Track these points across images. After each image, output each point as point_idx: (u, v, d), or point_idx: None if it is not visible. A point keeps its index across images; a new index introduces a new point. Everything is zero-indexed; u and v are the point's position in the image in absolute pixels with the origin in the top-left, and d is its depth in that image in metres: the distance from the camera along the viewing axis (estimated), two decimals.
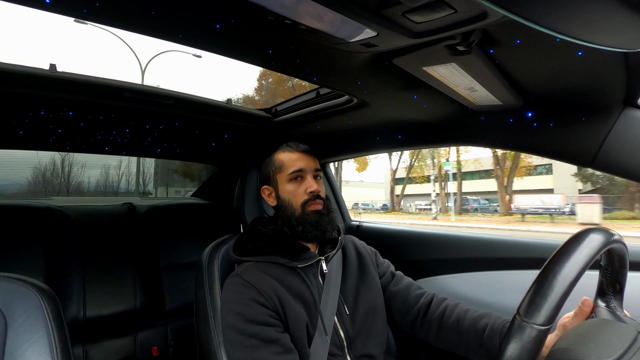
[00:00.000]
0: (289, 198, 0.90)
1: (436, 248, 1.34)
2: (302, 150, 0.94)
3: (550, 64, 0.65)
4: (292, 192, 0.89)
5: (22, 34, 36.04)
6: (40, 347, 0.57)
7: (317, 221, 0.87)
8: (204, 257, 0.98)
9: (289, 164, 0.91)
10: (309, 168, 0.91)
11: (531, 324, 0.37)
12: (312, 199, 0.88)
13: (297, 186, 0.90)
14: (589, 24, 0.43)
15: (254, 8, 0.53)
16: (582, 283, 0.43)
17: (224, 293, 0.84)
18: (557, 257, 0.41)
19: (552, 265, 0.40)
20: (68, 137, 1.38)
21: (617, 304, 0.55)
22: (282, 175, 0.92)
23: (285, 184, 0.91)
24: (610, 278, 0.55)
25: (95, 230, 1.63)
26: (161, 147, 1.65)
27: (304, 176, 0.91)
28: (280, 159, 0.93)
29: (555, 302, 0.37)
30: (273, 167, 0.94)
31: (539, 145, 0.90)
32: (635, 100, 0.73)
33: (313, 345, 0.78)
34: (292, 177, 0.90)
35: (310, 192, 0.89)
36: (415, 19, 0.52)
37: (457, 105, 0.94)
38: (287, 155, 0.93)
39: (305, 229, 0.86)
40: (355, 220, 1.79)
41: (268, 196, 0.96)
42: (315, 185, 0.90)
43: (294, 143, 0.96)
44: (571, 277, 0.39)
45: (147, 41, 13.01)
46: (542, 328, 0.36)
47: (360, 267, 0.96)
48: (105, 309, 1.52)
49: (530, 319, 0.37)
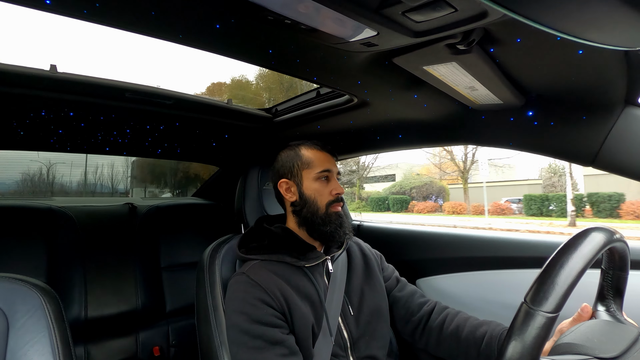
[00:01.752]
0: (314, 196, 0.89)
1: (436, 247, 1.34)
2: (329, 151, 0.95)
3: (550, 62, 0.65)
4: (319, 190, 0.89)
5: (23, 35, 36.16)
6: (42, 348, 0.57)
7: (342, 222, 0.89)
8: (205, 257, 0.98)
9: (318, 163, 0.91)
10: (334, 170, 0.93)
11: (539, 311, 0.36)
12: (336, 200, 0.90)
13: (324, 186, 0.90)
14: (589, 23, 0.43)
15: (254, 8, 0.53)
16: (583, 282, 0.43)
17: (229, 292, 0.83)
18: (563, 250, 0.42)
19: (558, 257, 0.41)
20: (69, 137, 1.39)
21: (617, 307, 0.55)
22: (310, 172, 0.91)
23: (312, 181, 0.90)
24: (610, 282, 0.55)
25: (97, 230, 1.63)
26: (162, 147, 1.65)
27: (330, 177, 0.92)
28: (309, 156, 0.92)
29: (563, 290, 0.37)
30: (299, 161, 0.92)
31: (540, 144, 0.90)
32: (636, 98, 0.73)
33: (317, 345, 0.78)
34: (321, 176, 0.90)
35: (336, 193, 0.90)
36: (416, 18, 0.52)
37: (457, 105, 0.93)
38: (316, 153, 0.93)
39: (332, 229, 0.87)
40: (355, 220, 1.79)
41: (286, 190, 0.93)
42: (340, 188, 0.92)
43: (320, 142, 0.97)
44: (578, 268, 0.39)
45: (147, 41, 13.12)
46: (550, 315, 0.36)
47: (366, 268, 0.96)
48: (106, 309, 1.53)
49: (538, 306, 0.37)
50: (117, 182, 7.21)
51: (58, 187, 6.28)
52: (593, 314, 0.57)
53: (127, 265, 1.64)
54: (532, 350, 0.35)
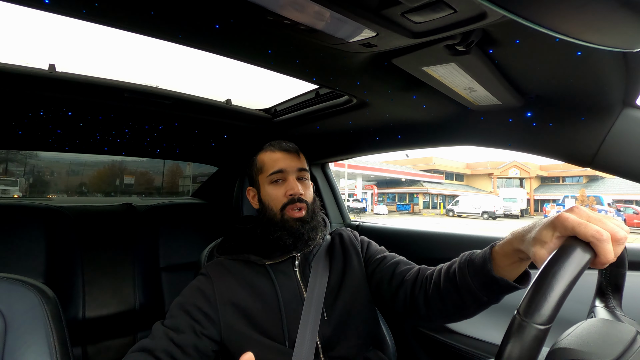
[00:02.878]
0: (268, 201, 0.84)
1: (436, 247, 1.34)
2: (284, 149, 0.87)
3: (549, 64, 0.65)
4: (272, 194, 0.84)
5: (21, 34, 35.86)
6: (39, 348, 0.57)
7: (296, 229, 0.81)
8: (203, 257, 0.98)
9: (269, 165, 0.85)
10: (291, 168, 0.84)
11: (531, 324, 0.37)
12: (291, 202, 0.82)
13: (278, 188, 0.84)
14: (588, 24, 0.43)
15: (253, 8, 0.53)
16: (583, 282, 0.43)
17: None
18: (556, 257, 0.41)
19: (551, 265, 0.40)
20: (67, 137, 1.38)
21: (616, 303, 0.55)
22: (263, 177, 0.86)
23: (266, 186, 0.85)
24: (609, 278, 0.55)
25: (95, 230, 1.63)
26: (160, 148, 1.65)
27: (285, 177, 0.84)
28: (262, 160, 0.88)
29: (555, 302, 0.37)
30: (255, 167, 0.89)
31: (539, 145, 0.90)
32: (635, 100, 0.73)
33: (267, 343, 0.74)
34: (273, 178, 0.84)
35: (290, 194, 0.82)
36: (415, 19, 0.53)
37: (456, 105, 0.94)
38: (268, 155, 0.87)
39: (281, 236, 0.81)
40: (355, 221, 1.79)
41: (252, 198, 0.90)
42: (296, 187, 0.82)
43: (278, 141, 0.90)
44: (571, 277, 0.39)
45: (147, 40, 13.16)
46: (542, 327, 0.36)
47: (344, 266, 0.90)
48: (104, 310, 1.52)
49: (530, 318, 0.37)
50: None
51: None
52: (592, 309, 0.57)
53: (126, 265, 1.63)
54: None
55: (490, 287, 0.64)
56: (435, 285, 0.75)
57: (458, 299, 0.71)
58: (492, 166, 25.29)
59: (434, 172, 25.09)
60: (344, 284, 0.86)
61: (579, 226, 0.45)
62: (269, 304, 0.78)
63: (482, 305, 0.68)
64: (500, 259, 0.62)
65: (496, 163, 25.21)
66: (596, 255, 0.43)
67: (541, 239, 0.51)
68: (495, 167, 25.07)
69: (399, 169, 23.37)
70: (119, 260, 1.63)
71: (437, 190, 23.63)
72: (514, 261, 0.60)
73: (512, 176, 24.43)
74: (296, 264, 0.85)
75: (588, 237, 0.43)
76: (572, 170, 23.70)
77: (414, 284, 0.81)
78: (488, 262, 0.63)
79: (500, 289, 0.63)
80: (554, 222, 0.50)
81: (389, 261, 0.89)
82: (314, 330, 0.77)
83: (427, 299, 0.77)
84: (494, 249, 0.64)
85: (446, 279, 0.73)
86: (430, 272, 0.80)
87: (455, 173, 26.80)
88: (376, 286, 0.88)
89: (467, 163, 27.51)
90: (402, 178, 23.01)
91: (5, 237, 1.38)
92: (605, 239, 0.43)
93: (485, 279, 0.63)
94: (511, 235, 0.60)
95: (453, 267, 0.73)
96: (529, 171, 24.19)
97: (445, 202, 20.62)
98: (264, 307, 0.77)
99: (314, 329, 0.77)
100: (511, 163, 24.58)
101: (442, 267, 0.77)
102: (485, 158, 31.03)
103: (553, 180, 25.35)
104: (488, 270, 0.62)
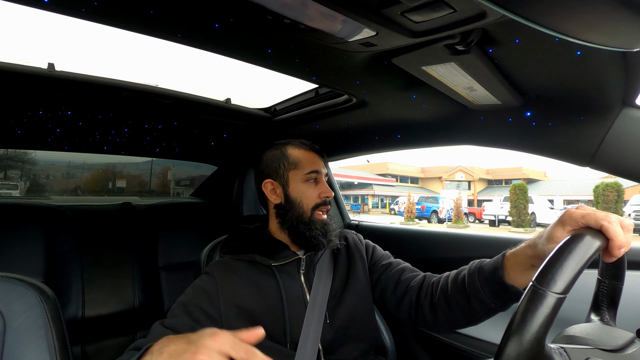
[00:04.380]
0: (300, 199, 0.84)
1: (436, 247, 1.34)
2: (316, 151, 0.89)
3: (549, 63, 0.65)
4: (305, 193, 0.85)
5: (20, 33, 35.85)
6: (39, 347, 0.57)
7: (326, 231, 0.84)
8: (202, 256, 0.98)
9: (306, 164, 0.86)
10: (323, 171, 0.87)
11: (547, 291, 0.37)
12: (323, 204, 0.85)
13: (312, 188, 0.85)
14: (587, 24, 0.43)
15: (253, 7, 0.52)
16: (583, 282, 0.44)
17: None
18: (570, 239, 0.43)
19: (567, 244, 0.42)
20: (66, 136, 1.38)
21: (610, 317, 0.55)
22: (297, 174, 0.85)
23: (299, 182, 0.85)
24: (606, 291, 0.55)
25: (94, 229, 1.63)
26: (160, 147, 1.65)
27: (318, 179, 0.86)
28: (296, 156, 0.87)
29: (570, 273, 0.39)
30: (286, 162, 0.87)
31: (538, 144, 0.90)
32: (634, 99, 0.73)
33: (267, 344, 0.74)
34: (309, 177, 0.85)
35: (324, 197, 0.85)
36: (415, 19, 0.53)
37: (456, 105, 0.94)
38: (304, 153, 0.87)
39: (314, 235, 0.83)
40: (354, 220, 1.79)
41: (271, 192, 0.88)
42: (329, 191, 0.86)
43: (306, 141, 0.91)
44: (584, 255, 0.41)
45: (146, 39, 13.19)
46: (558, 296, 0.37)
47: (348, 270, 0.90)
48: (104, 309, 1.52)
49: (546, 286, 0.38)
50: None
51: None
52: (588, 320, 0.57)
53: (125, 264, 1.63)
54: (540, 329, 0.36)
55: (500, 294, 0.65)
56: (442, 292, 0.76)
57: (466, 306, 0.72)
58: (442, 171, 28.65)
59: (390, 176, 27.93)
60: (347, 289, 0.86)
61: (588, 215, 0.48)
62: (273, 305, 0.78)
63: (489, 312, 0.69)
64: (511, 267, 0.64)
65: (447, 168, 28.67)
66: (608, 242, 0.45)
67: (554, 236, 0.53)
68: (444, 172, 28.19)
69: (356, 173, 26.24)
70: (118, 259, 1.63)
71: (384, 192, 26.34)
72: (525, 269, 0.62)
73: (458, 179, 27.38)
74: (302, 266, 0.85)
75: (599, 222, 0.46)
76: (514, 174, 26.63)
77: (420, 291, 0.82)
78: (500, 269, 0.64)
79: (510, 296, 0.64)
80: (562, 218, 0.52)
81: (395, 268, 0.90)
82: (316, 334, 0.77)
83: (433, 306, 0.78)
84: (506, 256, 0.65)
85: (454, 286, 0.74)
86: (437, 279, 0.81)
87: (410, 177, 29.87)
88: (381, 293, 0.89)
89: (422, 167, 30.53)
90: (354, 182, 25.91)
91: (4, 236, 1.38)
92: (614, 221, 0.46)
93: (496, 286, 0.65)
94: (524, 244, 0.62)
95: (462, 273, 0.74)
96: (472, 175, 27.08)
97: (393, 202, 22.81)
98: (267, 308, 0.77)
99: (317, 332, 0.78)
100: (457, 168, 27.54)
101: (449, 274, 0.79)
102: (437, 163, 36.73)
103: (498, 183, 28.33)
104: (500, 277, 0.64)
